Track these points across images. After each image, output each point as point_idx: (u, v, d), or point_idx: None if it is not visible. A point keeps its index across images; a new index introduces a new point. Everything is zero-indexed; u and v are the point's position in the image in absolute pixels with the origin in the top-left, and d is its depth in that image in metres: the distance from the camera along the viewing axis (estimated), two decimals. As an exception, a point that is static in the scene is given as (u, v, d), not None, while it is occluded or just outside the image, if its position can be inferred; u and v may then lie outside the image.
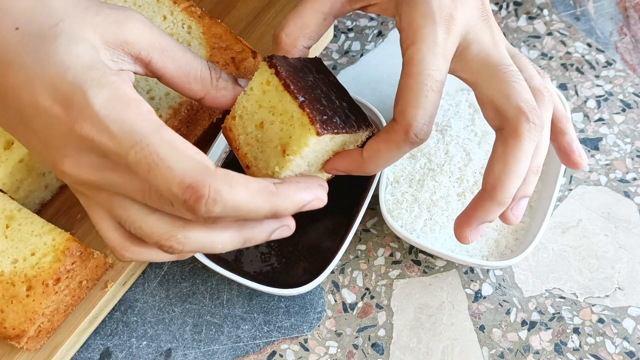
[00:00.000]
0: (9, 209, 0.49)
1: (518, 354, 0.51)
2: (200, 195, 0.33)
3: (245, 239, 0.38)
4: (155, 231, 0.37)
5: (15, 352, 0.49)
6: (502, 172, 0.41)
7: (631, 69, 0.62)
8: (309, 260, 0.52)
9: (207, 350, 0.51)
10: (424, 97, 0.40)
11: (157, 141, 0.34)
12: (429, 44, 0.41)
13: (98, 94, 0.34)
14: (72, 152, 0.35)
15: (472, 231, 0.44)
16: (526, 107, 0.41)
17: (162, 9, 0.55)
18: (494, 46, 0.43)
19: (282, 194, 0.36)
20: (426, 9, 0.41)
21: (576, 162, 0.46)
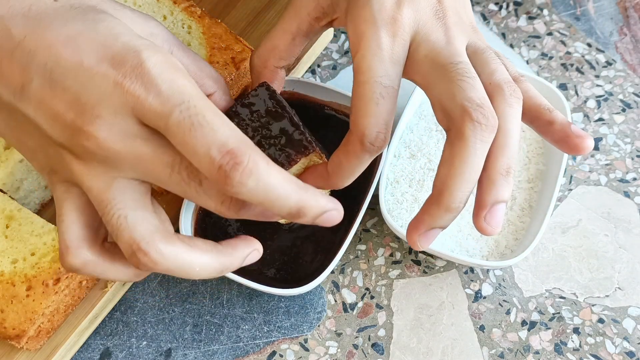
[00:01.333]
0: (9, 209, 0.49)
1: (518, 354, 0.51)
2: (239, 161, 0.32)
3: (223, 266, 0.37)
4: (139, 229, 0.34)
5: (15, 352, 0.49)
6: (447, 175, 0.38)
7: (631, 69, 0.62)
8: (309, 260, 0.52)
9: (207, 350, 0.51)
10: (374, 105, 0.39)
11: (205, 105, 0.33)
12: (373, 50, 0.40)
13: (152, 56, 0.33)
14: (108, 112, 0.33)
15: (421, 236, 0.40)
16: (470, 105, 0.38)
17: (162, 9, 0.55)
18: (446, 44, 0.41)
19: (311, 191, 0.35)
20: (367, 13, 0.40)
21: (578, 145, 0.41)
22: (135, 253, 0.34)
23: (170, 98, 0.33)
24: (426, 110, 0.57)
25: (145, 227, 0.34)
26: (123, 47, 0.34)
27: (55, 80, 0.34)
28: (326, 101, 0.56)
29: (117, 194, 0.35)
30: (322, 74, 0.62)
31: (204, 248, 0.36)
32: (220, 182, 0.32)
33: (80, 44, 0.34)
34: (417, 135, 0.56)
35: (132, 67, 0.33)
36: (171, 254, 0.34)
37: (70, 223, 0.36)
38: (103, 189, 0.35)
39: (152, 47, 0.34)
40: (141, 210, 0.35)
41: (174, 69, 0.33)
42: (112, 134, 0.33)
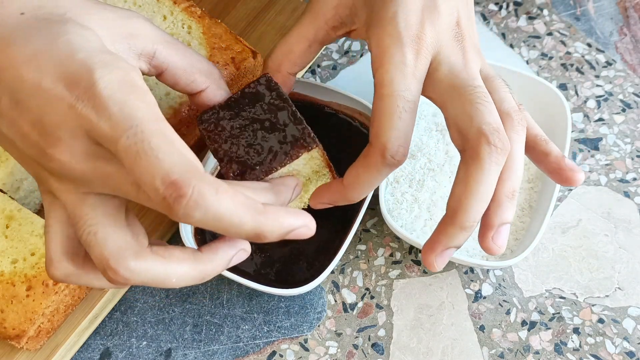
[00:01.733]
0: (9, 209, 0.49)
1: (518, 354, 0.51)
2: (182, 194, 0.31)
3: (203, 274, 0.36)
4: (109, 245, 0.34)
5: (15, 352, 0.49)
6: (462, 195, 0.40)
7: (631, 69, 0.62)
8: (309, 260, 0.52)
9: (207, 350, 0.51)
10: (397, 118, 0.40)
11: (153, 130, 0.32)
12: (397, 65, 0.40)
13: (106, 75, 0.33)
14: (67, 135, 0.33)
15: (438, 257, 0.41)
16: (488, 129, 0.39)
17: (162, 9, 0.55)
18: (464, 67, 0.42)
19: (270, 213, 0.33)
20: (393, 29, 0.41)
21: (570, 178, 0.43)
22: (106, 270, 0.34)
23: (119, 122, 0.32)
24: (426, 110, 0.57)
25: (115, 244, 0.34)
26: (79, 65, 0.33)
27: (20, 101, 0.34)
28: (326, 101, 0.56)
29: (89, 210, 0.35)
30: (322, 74, 0.62)
31: (181, 257, 0.35)
32: (167, 212, 0.32)
33: (40, 63, 0.34)
34: (417, 135, 0.56)
35: (85, 88, 0.33)
36: (142, 270, 0.34)
37: (53, 235, 0.36)
38: (76, 204, 0.35)
39: (109, 63, 0.33)
40: (112, 227, 0.35)
41: (128, 89, 0.33)
42: (73, 156, 0.33)
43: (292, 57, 0.46)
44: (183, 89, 0.42)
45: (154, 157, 0.31)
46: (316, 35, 0.46)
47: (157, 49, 0.39)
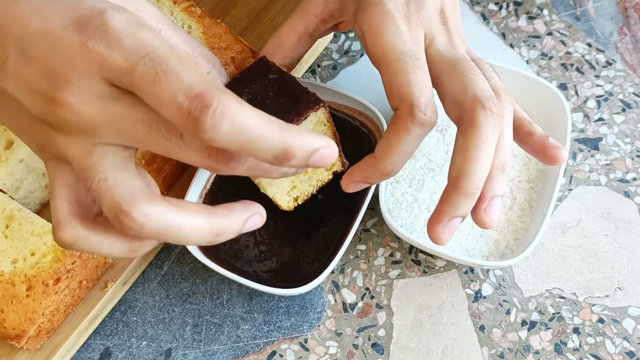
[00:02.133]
0: (9, 209, 0.49)
1: (518, 354, 0.51)
2: (208, 104, 0.29)
3: (218, 228, 0.34)
4: (121, 190, 0.32)
5: (15, 352, 0.49)
6: (463, 162, 0.40)
7: (631, 69, 0.62)
8: (309, 260, 0.52)
9: (207, 350, 0.51)
10: (412, 74, 0.41)
11: (169, 54, 0.31)
12: (394, 33, 0.42)
13: (116, 15, 0.32)
14: (75, 76, 0.32)
15: (444, 228, 0.42)
16: (482, 95, 0.41)
17: (162, 9, 0.55)
18: (452, 46, 0.44)
19: (294, 130, 0.32)
20: (382, 8, 0.43)
21: (555, 155, 0.44)
22: (118, 215, 0.32)
23: (134, 51, 0.31)
24: (426, 110, 0.57)
25: (127, 187, 0.33)
26: (88, 9, 0.33)
27: (26, 51, 0.33)
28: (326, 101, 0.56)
29: (98, 159, 0.34)
30: (322, 74, 0.62)
31: (195, 209, 0.34)
32: (192, 129, 0.30)
33: (48, 12, 0.33)
34: (417, 135, 0.56)
35: (96, 27, 0.32)
36: (155, 214, 0.32)
37: (61, 199, 0.35)
38: (84, 156, 0.34)
39: (117, 7, 0.33)
40: (123, 172, 0.34)
41: (138, 25, 0.32)
42: (82, 98, 0.33)
43: (283, 50, 0.49)
44: None
45: (173, 75, 0.31)
46: (306, 29, 0.48)
47: (162, 28, 0.39)
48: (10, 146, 0.50)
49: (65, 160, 0.35)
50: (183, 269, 0.54)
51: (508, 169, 0.43)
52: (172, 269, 0.54)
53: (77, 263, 0.47)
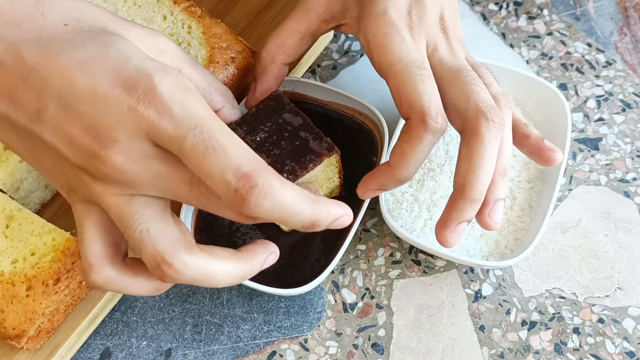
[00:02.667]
0: (9, 209, 0.49)
1: (518, 354, 0.51)
2: (255, 185, 0.32)
3: (244, 273, 0.37)
4: (162, 240, 0.34)
5: (15, 352, 0.49)
6: (468, 170, 0.42)
7: (631, 69, 0.62)
8: (309, 260, 0.52)
9: (207, 350, 0.51)
10: (421, 84, 0.42)
11: (217, 127, 0.33)
12: (399, 44, 0.43)
13: (163, 79, 0.33)
14: (123, 136, 0.33)
15: (452, 232, 0.44)
16: (484, 106, 0.42)
17: (162, 9, 0.55)
18: (453, 55, 0.45)
19: (322, 203, 0.35)
20: (386, 19, 0.44)
21: (550, 157, 0.47)
22: (160, 265, 0.34)
23: (183, 122, 0.33)
24: (426, 110, 0.57)
25: (168, 239, 0.35)
26: (135, 71, 0.34)
27: (70, 106, 0.34)
28: (326, 101, 0.56)
29: (138, 208, 0.35)
30: (322, 74, 0.62)
31: (225, 256, 0.36)
32: (237, 204, 0.32)
33: (93, 69, 0.34)
34: (417, 135, 0.56)
35: (145, 91, 0.33)
36: (194, 264, 0.35)
37: (92, 241, 0.37)
38: (123, 205, 0.35)
39: (163, 69, 0.34)
40: (162, 223, 0.35)
41: (185, 91, 0.34)
42: (128, 157, 0.34)
43: (285, 49, 0.49)
44: None
45: (223, 152, 0.32)
46: (308, 28, 0.49)
47: (182, 67, 0.41)
48: (10, 146, 0.50)
49: (94, 202, 0.36)
50: (183, 269, 0.54)
51: (508, 173, 0.45)
52: (172, 269, 0.54)
53: (77, 263, 0.47)
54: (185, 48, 0.54)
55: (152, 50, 0.38)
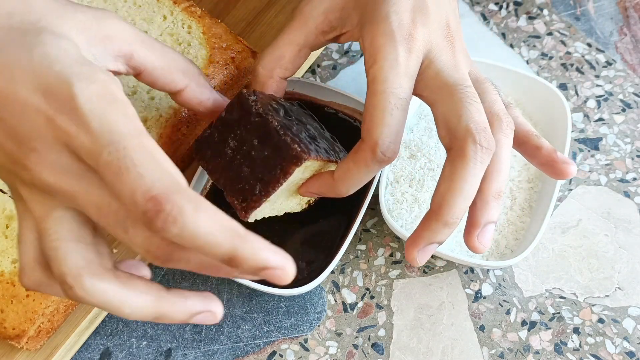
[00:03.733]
0: (9, 209, 0.49)
1: (518, 354, 0.51)
2: (161, 209, 0.30)
3: (160, 313, 0.34)
4: (69, 262, 0.33)
5: (15, 352, 0.49)
6: (447, 192, 0.41)
7: (631, 69, 0.62)
8: (309, 260, 0.52)
9: (207, 350, 0.51)
10: (389, 115, 0.40)
11: (135, 146, 0.32)
12: (390, 62, 0.41)
13: (85, 89, 0.32)
14: (42, 147, 0.33)
15: (420, 252, 0.42)
16: (475, 128, 0.40)
17: (162, 9, 0.55)
18: (454, 67, 0.43)
19: (249, 241, 0.32)
20: (386, 27, 0.42)
21: (563, 170, 0.45)
22: (62, 285, 0.33)
23: (100, 137, 0.31)
24: (426, 110, 0.57)
25: (75, 261, 0.33)
26: (57, 78, 0.33)
27: None
28: (326, 101, 0.56)
29: (54, 224, 0.34)
30: (322, 74, 0.62)
31: (142, 289, 0.34)
32: (146, 225, 0.31)
33: (15, 74, 0.33)
34: (417, 135, 0.56)
35: (64, 101, 0.32)
36: (97, 292, 0.33)
37: (25, 245, 0.36)
38: (42, 217, 0.34)
39: (88, 76, 0.33)
40: (75, 243, 0.34)
41: (108, 103, 0.32)
42: (46, 168, 0.33)
43: (283, 63, 0.46)
44: (162, 88, 0.42)
45: (135, 172, 0.31)
46: (306, 41, 0.46)
47: (134, 50, 0.39)
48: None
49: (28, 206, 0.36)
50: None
51: (503, 196, 0.43)
52: (172, 269, 0.54)
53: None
54: (185, 48, 0.54)
55: (95, 37, 0.37)
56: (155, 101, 0.52)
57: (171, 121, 0.51)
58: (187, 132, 0.53)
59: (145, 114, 0.51)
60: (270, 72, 0.47)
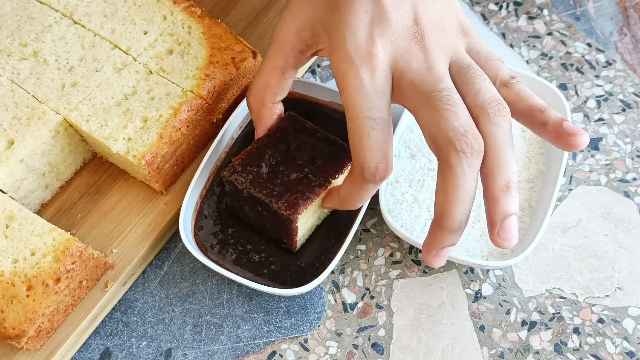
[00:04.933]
0: (9, 209, 0.49)
1: (518, 354, 0.51)
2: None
3: None
4: None
5: (15, 352, 0.49)
6: (444, 202, 0.41)
7: (631, 69, 0.62)
8: (309, 260, 0.52)
9: (207, 350, 0.51)
10: (367, 138, 0.41)
11: None
12: (356, 87, 0.41)
13: None
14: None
15: (435, 257, 0.43)
16: (454, 135, 0.40)
17: (162, 9, 0.55)
18: (427, 70, 0.42)
19: None
20: (344, 54, 0.42)
21: (573, 143, 0.42)
22: None
23: None
24: (426, 110, 0.57)
25: None
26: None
27: None
28: (326, 101, 0.56)
29: None
30: (322, 74, 0.62)
31: None
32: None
33: None
34: (417, 135, 0.56)
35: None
36: None
37: None
38: None
39: None
40: None
41: None
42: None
43: (271, 89, 0.48)
44: None
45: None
46: (286, 63, 0.47)
47: None
48: (11, 146, 0.50)
49: None
50: (183, 269, 0.54)
51: (515, 185, 0.41)
52: (172, 269, 0.54)
53: (77, 263, 0.47)
54: (185, 48, 0.54)
55: None
56: (155, 101, 0.52)
57: (171, 121, 0.51)
58: (187, 132, 0.53)
59: (145, 114, 0.51)
60: (261, 101, 0.48)
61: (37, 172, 0.52)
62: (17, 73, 0.52)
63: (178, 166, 0.54)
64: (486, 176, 0.41)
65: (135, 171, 0.53)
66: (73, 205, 0.54)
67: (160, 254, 0.55)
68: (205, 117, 0.54)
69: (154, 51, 0.54)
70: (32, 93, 0.52)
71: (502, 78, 0.43)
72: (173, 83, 0.52)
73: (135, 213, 0.54)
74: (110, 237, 0.53)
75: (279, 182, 0.48)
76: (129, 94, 0.52)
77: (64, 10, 0.55)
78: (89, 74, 0.53)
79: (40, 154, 0.51)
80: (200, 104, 0.52)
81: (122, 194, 0.55)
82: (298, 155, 0.49)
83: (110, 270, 0.52)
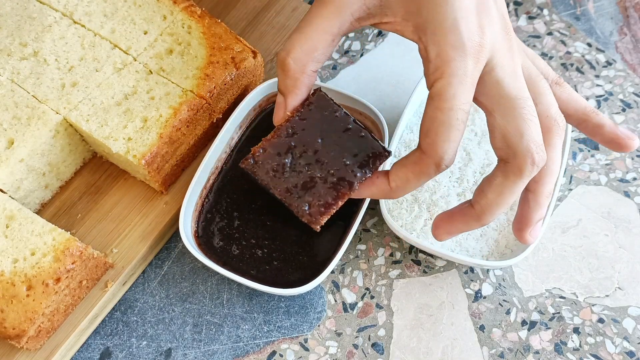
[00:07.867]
0: (9, 209, 0.49)
1: (518, 354, 0.51)
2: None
3: None
4: None
5: (15, 352, 0.49)
6: (494, 202, 0.42)
7: (631, 68, 0.62)
8: (309, 260, 0.52)
9: (207, 350, 0.51)
10: (455, 131, 0.40)
11: None
12: (460, 78, 0.39)
13: None
14: None
15: (447, 235, 0.45)
16: (535, 149, 0.41)
17: (162, 9, 0.55)
18: (514, 75, 0.42)
19: None
20: (456, 40, 0.39)
21: (627, 145, 0.46)
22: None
23: None
24: (426, 110, 0.57)
25: None
26: None
27: None
28: (326, 101, 0.56)
29: None
30: (322, 74, 0.62)
31: None
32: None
33: None
34: (417, 135, 0.56)
35: None
36: None
37: None
38: None
39: None
40: None
41: None
42: None
43: (317, 55, 0.42)
44: None
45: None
46: (340, 29, 0.42)
47: None
48: (11, 146, 0.50)
49: None
50: (183, 269, 0.54)
51: None
52: (172, 269, 0.54)
53: (77, 263, 0.47)
54: (185, 48, 0.54)
55: None
56: (155, 101, 0.52)
57: (171, 121, 0.51)
58: (187, 132, 0.53)
59: (145, 114, 0.51)
60: (303, 67, 0.42)
61: (37, 171, 0.52)
62: (17, 73, 0.52)
63: (178, 166, 0.54)
64: (536, 181, 0.44)
65: (135, 171, 0.53)
66: (73, 205, 0.54)
67: (160, 253, 0.55)
68: (205, 117, 0.54)
69: (153, 51, 0.54)
70: (32, 93, 0.52)
71: (553, 77, 0.47)
72: (173, 83, 0.52)
73: (135, 213, 0.54)
74: (110, 237, 0.53)
75: (302, 184, 0.44)
76: (129, 93, 0.52)
77: (64, 10, 0.55)
78: (88, 74, 0.53)
79: (40, 153, 0.51)
80: (200, 104, 0.52)
81: (122, 193, 0.55)
82: (324, 151, 0.44)
83: (110, 270, 0.52)
